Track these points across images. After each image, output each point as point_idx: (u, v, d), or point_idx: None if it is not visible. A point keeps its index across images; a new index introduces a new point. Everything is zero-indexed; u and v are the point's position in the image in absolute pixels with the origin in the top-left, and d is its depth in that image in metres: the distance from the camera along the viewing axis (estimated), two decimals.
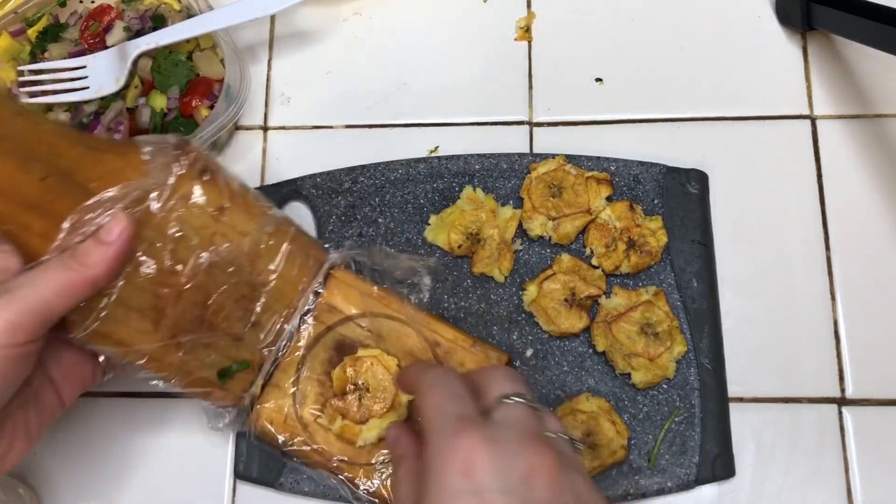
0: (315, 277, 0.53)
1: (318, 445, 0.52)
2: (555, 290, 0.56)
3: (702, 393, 0.54)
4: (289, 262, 0.51)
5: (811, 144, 0.61)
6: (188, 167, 0.47)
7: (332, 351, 0.54)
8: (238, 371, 0.51)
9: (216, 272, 0.48)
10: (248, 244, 0.49)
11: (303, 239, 0.53)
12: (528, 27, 0.66)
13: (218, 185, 0.48)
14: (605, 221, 0.57)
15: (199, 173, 0.47)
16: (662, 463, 0.53)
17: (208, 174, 0.48)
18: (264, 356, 0.52)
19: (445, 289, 0.58)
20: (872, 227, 0.58)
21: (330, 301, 0.54)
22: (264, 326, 0.51)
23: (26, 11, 0.65)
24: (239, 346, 0.51)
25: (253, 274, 0.50)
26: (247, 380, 0.52)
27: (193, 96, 0.62)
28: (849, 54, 0.63)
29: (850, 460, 0.54)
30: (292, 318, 0.52)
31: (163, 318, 0.47)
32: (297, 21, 0.68)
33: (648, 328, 0.54)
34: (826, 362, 0.56)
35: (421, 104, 0.64)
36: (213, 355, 0.50)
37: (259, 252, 0.50)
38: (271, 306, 0.51)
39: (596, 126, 0.63)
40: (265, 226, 0.50)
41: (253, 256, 0.50)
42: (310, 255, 0.53)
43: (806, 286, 0.57)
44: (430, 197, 0.60)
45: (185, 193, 0.47)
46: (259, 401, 0.52)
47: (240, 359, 0.51)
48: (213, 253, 0.48)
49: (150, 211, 0.46)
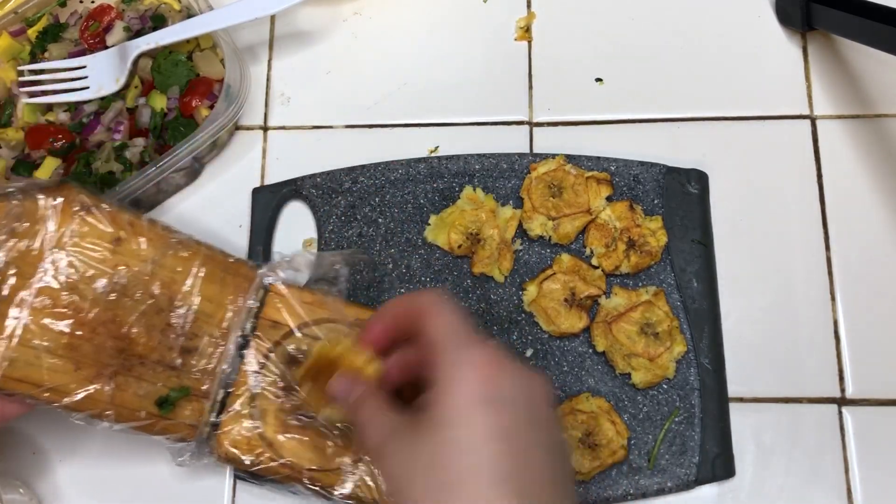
0: (247, 295, 0.53)
1: (286, 459, 0.51)
2: (555, 290, 0.56)
3: (702, 393, 0.54)
4: (206, 283, 0.52)
5: (811, 144, 0.61)
6: (64, 205, 0.48)
7: (284, 366, 0.53)
8: (178, 398, 0.50)
9: (124, 300, 0.49)
10: (152, 269, 0.50)
11: (221, 259, 0.53)
12: (528, 27, 0.66)
13: (104, 219, 0.49)
14: (605, 221, 0.57)
15: (78, 209, 0.49)
16: (662, 463, 0.53)
17: (89, 209, 0.49)
18: (209, 382, 0.52)
19: (445, 289, 0.58)
20: (872, 227, 0.58)
21: (271, 317, 0.53)
22: (199, 351, 0.51)
23: (26, 11, 0.65)
24: (178, 374, 0.51)
25: (172, 300, 0.51)
26: (196, 408, 0.51)
27: (193, 96, 0.62)
28: (849, 54, 0.63)
29: (850, 460, 0.54)
30: (229, 340, 0.52)
31: (81, 355, 0.48)
32: (297, 21, 0.68)
33: (648, 328, 0.54)
34: (826, 362, 0.56)
35: (421, 104, 0.64)
36: (145, 386, 0.50)
37: (174, 277, 0.51)
38: (202, 329, 0.51)
39: (596, 126, 0.63)
40: (168, 249, 0.51)
41: (167, 282, 0.51)
42: (233, 273, 0.53)
43: (806, 286, 0.57)
44: (430, 197, 0.60)
45: (69, 230, 0.48)
46: (219, 428, 0.52)
47: (178, 386, 0.51)
48: (112, 280, 0.49)
49: (30, 251, 0.47)
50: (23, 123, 0.63)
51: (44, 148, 0.62)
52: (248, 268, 0.54)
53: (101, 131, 0.62)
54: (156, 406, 0.50)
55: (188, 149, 0.58)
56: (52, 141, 0.62)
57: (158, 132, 0.62)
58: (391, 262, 0.59)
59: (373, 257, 0.59)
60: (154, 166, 0.57)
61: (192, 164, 0.62)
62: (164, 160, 0.57)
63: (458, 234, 0.58)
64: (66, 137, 0.62)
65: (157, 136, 0.62)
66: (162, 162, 0.57)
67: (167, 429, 0.50)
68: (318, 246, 0.60)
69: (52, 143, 0.62)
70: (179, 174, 0.62)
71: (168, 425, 0.50)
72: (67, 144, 0.62)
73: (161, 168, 0.57)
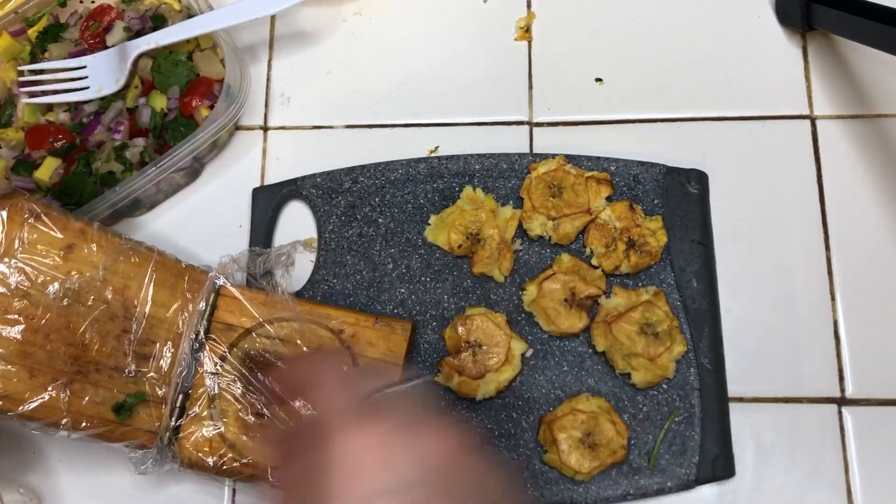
0: (198, 299, 0.53)
1: (247, 459, 0.51)
2: (555, 290, 0.56)
3: (702, 393, 0.54)
4: (158, 287, 0.52)
5: (811, 144, 0.61)
6: (12, 212, 0.49)
7: (242, 368, 0.53)
8: (135, 404, 0.51)
9: (77, 306, 0.50)
10: (104, 275, 0.51)
11: (172, 264, 0.53)
12: (528, 27, 0.66)
13: (54, 226, 0.50)
14: (605, 221, 0.57)
15: (27, 217, 0.49)
16: (662, 463, 0.53)
17: (39, 216, 0.49)
18: (165, 386, 0.52)
19: (445, 289, 0.58)
20: (872, 227, 0.58)
21: (224, 320, 0.54)
22: (154, 356, 0.52)
23: (26, 11, 0.65)
24: (134, 380, 0.51)
25: (126, 306, 0.51)
26: (155, 414, 0.52)
27: (193, 96, 0.62)
28: (849, 54, 0.63)
29: (850, 460, 0.54)
30: (182, 344, 0.52)
31: (35, 363, 0.48)
32: (297, 21, 0.68)
33: (648, 328, 0.54)
34: (826, 362, 0.56)
35: (421, 104, 0.64)
36: (101, 392, 0.50)
37: (126, 284, 0.51)
38: (156, 335, 0.52)
39: (596, 126, 0.63)
40: (120, 255, 0.51)
41: (119, 288, 0.51)
42: (183, 278, 0.53)
43: (806, 286, 0.57)
44: (430, 197, 0.60)
45: (18, 238, 0.49)
46: (180, 432, 0.52)
47: (135, 392, 0.51)
48: (63, 286, 0.49)
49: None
50: (23, 123, 0.63)
51: (44, 148, 0.62)
52: (198, 272, 0.54)
53: (101, 131, 0.62)
54: (113, 412, 0.50)
55: (188, 149, 0.58)
56: (52, 141, 0.62)
57: (158, 132, 0.62)
58: (391, 262, 0.59)
59: (373, 257, 0.59)
60: (154, 166, 0.57)
61: (192, 164, 0.62)
62: (164, 160, 0.57)
63: (458, 234, 0.58)
64: (66, 137, 0.62)
65: (157, 136, 0.62)
66: (162, 162, 0.57)
67: (126, 435, 0.51)
68: (318, 246, 0.60)
69: (52, 143, 0.62)
70: (179, 174, 0.62)
71: (126, 431, 0.51)
72: (67, 144, 0.62)
73: (161, 168, 0.57)
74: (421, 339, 0.57)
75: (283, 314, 0.54)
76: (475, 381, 0.54)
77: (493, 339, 0.55)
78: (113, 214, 0.61)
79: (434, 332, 0.57)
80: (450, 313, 0.57)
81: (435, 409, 0.38)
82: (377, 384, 0.40)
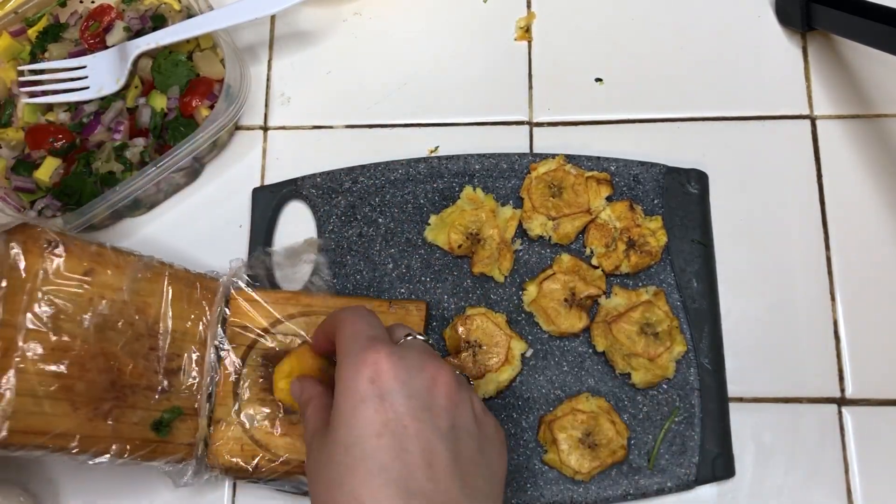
0: (214, 306, 0.54)
1: (283, 456, 0.52)
2: (555, 290, 0.56)
3: (702, 393, 0.54)
4: (176, 300, 0.52)
5: (811, 144, 0.61)
6: (31, 245, 0.47)
7: (262, 368, 0.54)
8: (172, 419, 0.51)
9: (109, 333, 0.49)
10: (127, 296, 0.50)
11: (183, 275, 0.53)
12: (528, 27, 0.66)
13: (73, 252, 0.49)
14: (605, 221, 0.57)
15: (46, 247, 0.48)
16: (662, 463, 0.53)
17: (57, 245, 0.48)
18: (197, 398, 0.52)
19: (445, 289, 0.58)
20: (872, 227, 0.58)
21: (240, 322, 0.54)
22: (183, 369, 0.52)
23: (26, 11, 0.65)
24: (168, 396, 0.51)
25: (149, 324, 0.51)
26: (191, 426, 0.52)
27: (193, 96, 0.62)
28: (849, 54, 0.63)
29: (850, 460, 0.54)
30: (207, 352, 0.53)
31: (76, 395, 0.47)
32: (297, 21, 0.68)
33: (648, 328, 0.54)
34: (826, 362, 0.56)
35: (421, 104, 0.64)
36: (139, 413, 0.50)
37: (146, 301, 0.51)
38: (181, 348, 0.52)
39: (596, 126, 0.63)
40: (137, 273, 0.51)
41: (141, 307, 0.51)
42: (197, 287, 0.54)
43: (806, 286, 0.57)
44: (430, 197, 0.60)
45: (41, 270, 0.47)
46: (211, 441, 0.52)
47: (170, 407, 0.51)
48: (94, 314, 0.49)
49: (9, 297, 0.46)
50: (23, 123, 0.63)
51: (44, 148, 0.62)
52: (208, 279, 0.54)
53: (101, 131, 0.62)
54: (152, 431, 0.50)
55: (188, 149, 0.58)
56: (53, 141, 0.62)
57: (158, 132, 0.62)
58: (391, 262, 0.59)
59: (373, 257, 0.59)
60: (154, 166, 0.57)
61: (192, 164, 0.62)
62: (164, 160, 0.57)
63: (458, 234, 0.58)
64: (66, 137, 0.62)
65: (157, 136, 0.62)
66: (162, 162, 0.57)
67: (167, 451, 0.51)
68: (318, 246, 0.60)
69: (52, 143, 0.62)
70: (179, 174, 0.62)
71: (167, 448, 0.51)
72: (67, 144, 0.62)
73: (161, 168, 0.57)
74: None
75: (297, 309, 0.54)
76: (475, 381, 0.54)
77: (493, 340, 0.55)
78: (113, 214, 0.61)
79: (434, 332, 0.57)
80: (450, 313, 0.57)
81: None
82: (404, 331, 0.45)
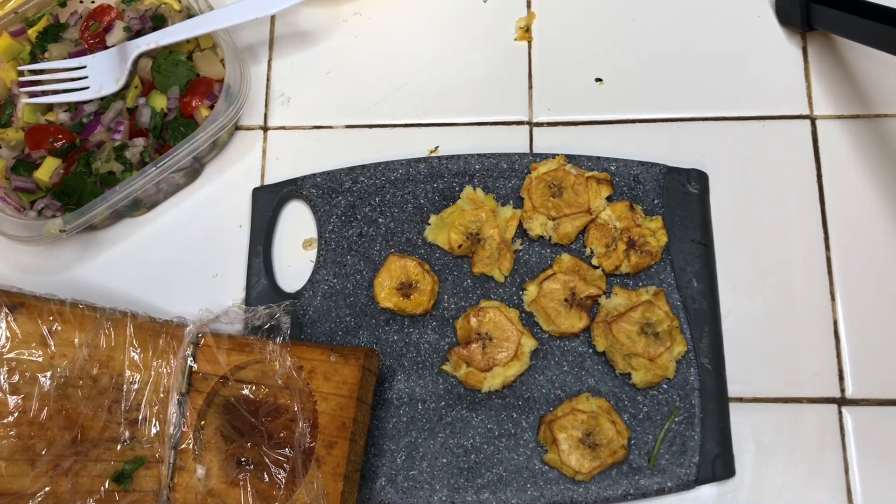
0: (179, 354, 0.53)
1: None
2: (555, 290, 0.56)
3: (702, 393, 0.54)
4: (141, 350, 0.52)
5: (811, 144, 0.61)
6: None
7: (223, 416, 0.53)
8: (133, 470, 0.51)
9: (70, 390, 0.50)
10: (89, 352, 0.50)
11: (148, 325, 0.53)
12: (528, 27, 0.66)
13: (32, 314, 0.49)
14: (605, 221, 0.57)
15: (4, 314, 0.49)
16: (662, 463, 0.53)
17: (13, 308, 0.49)
18: (160, 447, 0.52)
19: (445, 289, 0.58)
20: (872, 227, 0.58)
21: (203, 370, 0.54)
22: (146, 418, 0.52)
23: (26, 11, 0.65)
24: (131, 447, 0.51)
25: (112, 377, 0.51)
26: (154, 475, 0.52)
27: (193, 96, 0.62)
28: (849, 54, 0.63)
29: (850, 460, 0.54)
30: (170, 401, 0.52)
31: (35, 455, 0.48)
32: (297, 21, 0.68)
33: (648, 328, 0.54)
34: (826, 362, 0.56)
35: (421, 104, 0.64)
36: (101, 465, 0.50)
37: (109, 355, 0.51)
38: (143, 398, 0.52)
39: (596, 126, 0.63)
40: (98, 329, 0.51)
41: (104, 361, 0.51)
42: (161, 335, 0.53)
43: (806, 286, 0.57)
44: (430, 197, 0.60)
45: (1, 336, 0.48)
46: (172, 489, 0.52)
47: (133, 458, 0.51)
48: (54, 374, 0.49)
49: None
50: (23, 123, 0.63)
51: (44, 148, 0.62)
52: (174, 327, 0.54)
53: (101, 131, 0.62)
54: (114, 482, 0.50)
55: (188, 149, 0.58)
56: (52, 141, 0.62)
57: (158, 132, 0.62)
58: None
59: (373, 257, 0.59)
60: (154, 166, 0.57)
61: (192, 164, 0.62)
62: (164, 160, 0.57)
63: (458, 234, 0.58)
64: (66, 137, 0.62)
65: (157, 136, 0.62)
66: (162, 162, 0.57)
67: (131, 501, 0.51)
68: (318, 246, 0.60)
69: (52, 143, 0.62)
70: (179, 174, 0.62)
71: (130, 497, 0.51)
72: (67, 144, 0.62)
73: (161, 168, 0.57)
74: (421, 338, 0.57)
75: (250, 358, 0.53)
76: (482, 373, 0.54)
77: (504, 334, 0.55)
78: (113, 214, 0.61)
79: (434, 332, 0.57)
80: (450, 313, 0.57)
81: None
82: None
